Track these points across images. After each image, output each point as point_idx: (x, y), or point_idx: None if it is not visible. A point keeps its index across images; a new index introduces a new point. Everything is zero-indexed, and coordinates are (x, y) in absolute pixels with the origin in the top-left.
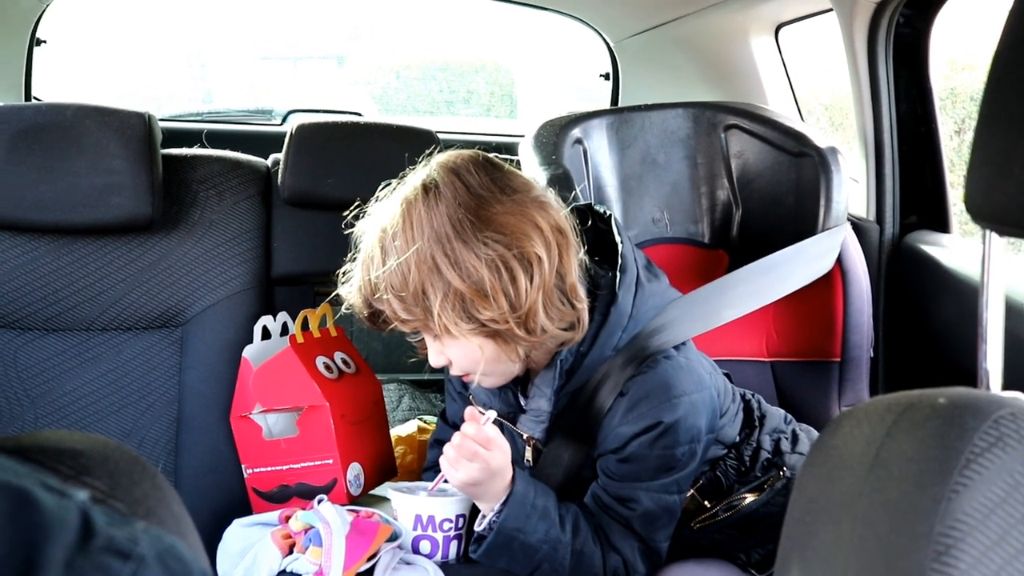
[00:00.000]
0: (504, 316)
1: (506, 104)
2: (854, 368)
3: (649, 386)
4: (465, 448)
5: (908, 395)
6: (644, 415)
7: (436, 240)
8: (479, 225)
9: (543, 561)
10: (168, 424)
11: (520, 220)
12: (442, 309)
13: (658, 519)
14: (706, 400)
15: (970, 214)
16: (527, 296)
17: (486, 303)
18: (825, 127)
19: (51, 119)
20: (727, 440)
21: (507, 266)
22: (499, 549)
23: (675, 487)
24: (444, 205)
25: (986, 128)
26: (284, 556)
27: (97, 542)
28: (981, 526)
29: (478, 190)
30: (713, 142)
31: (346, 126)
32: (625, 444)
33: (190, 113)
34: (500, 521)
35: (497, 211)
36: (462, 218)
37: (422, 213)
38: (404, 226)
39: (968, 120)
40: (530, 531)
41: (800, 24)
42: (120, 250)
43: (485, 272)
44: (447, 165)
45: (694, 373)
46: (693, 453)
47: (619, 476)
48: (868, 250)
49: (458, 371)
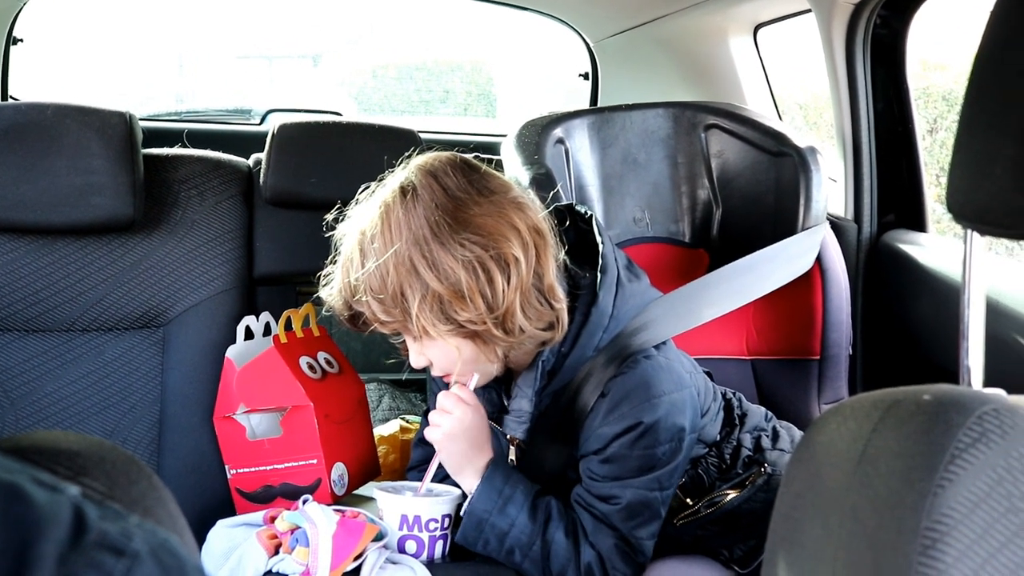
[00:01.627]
0: (482, 317)
1: (484, 104)
2: (833, 366)
3: (629, 386)
4: (448, 398)
5: (893, 392)
6: (625, 415)
7: (414, 242)
8: (456, 227)
9: (515, 548)
10: (150, 425)
11: (497, 221)
12: (420, 311)
13: (639, 515)
14: (687, 399)
15: (952, 214)
16: (504, 297)
17: (463, 304)
18: (801, 126)
19: (31, 118)
20: (708, 439)
21: (484, 267)
22: (473, 532)
23: (656, 484)
24: (421, 207)
25: (967, 129)
26: (270, 556)
27: (90, 537)
28: (966, 520)
29: (455, 192)
30: (693, 142)
31: (328, 126)
32: (606, 445)
33: (169, 112)
34: (471, 504)
35: (474, 212)
36: (439, 220)
37: (400, 215)
38: (382, 228)
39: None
40: (500, 516)
41: (776, 25)
42: (101, 250)
43: (462, 273)
44: (424, 167)
45: (674, 372)
46: (675, 451)
47: (601, 476)
48: (846, 249)
49: (439, 371)
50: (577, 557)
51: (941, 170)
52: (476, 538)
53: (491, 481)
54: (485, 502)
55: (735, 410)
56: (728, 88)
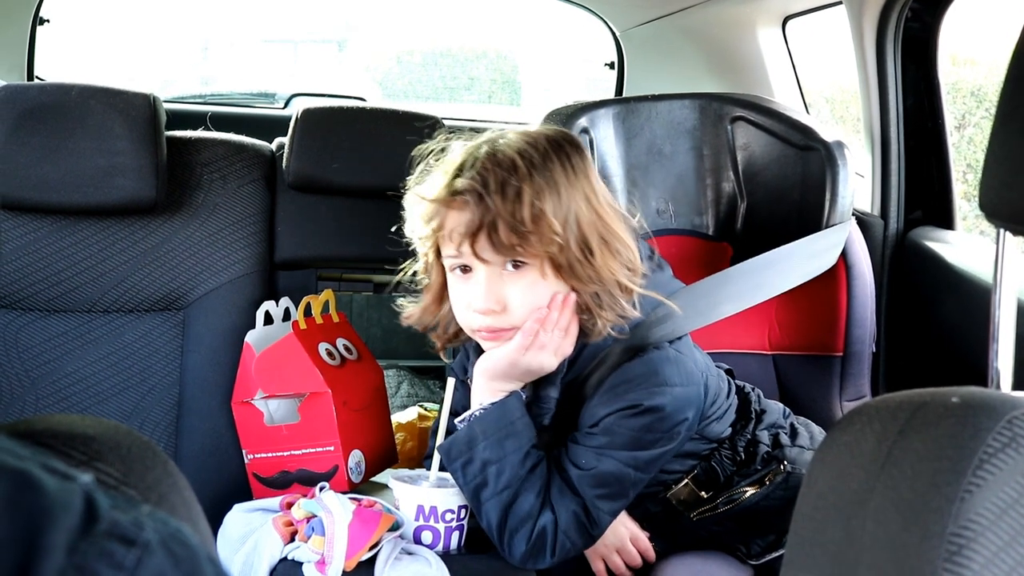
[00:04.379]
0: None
1: (508, 91)
2: (856, 363)
3: (634, 372)
4: (551, 321)
5: (920, 393)
6: (623, 396)
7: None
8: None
9: (489, 483)
10: (169, 407)
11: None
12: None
13: (607, 486)
14: (692, 395)
15: (984, 213)
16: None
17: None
18: (827, 120)
19: (55, 99)
20: (712, 436)
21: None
22: (463, 446)
23: (635, 463)
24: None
25: (1003, 127)
26: (285, 543)
27: (101, 526)
28: (994, 527)
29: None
30: (719, 134)
31: (352, 111)
32: (599, 420)
33: (192, 95)
34: (477, 418)
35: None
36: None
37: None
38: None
39: (968, 116)
40: (495, 445)
41: (804, 17)
42: (123, 232)
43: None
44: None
45: (684, 367)
46: (665, 441)
47: (584, 444)
48: (872, 245)
49: (518, 312)
50: (536, 519)
51: (968, 167)
52: (461, 454)
53: (505, 407)
54: (490, 423)
55: (752, 405)
56: (755, 80)
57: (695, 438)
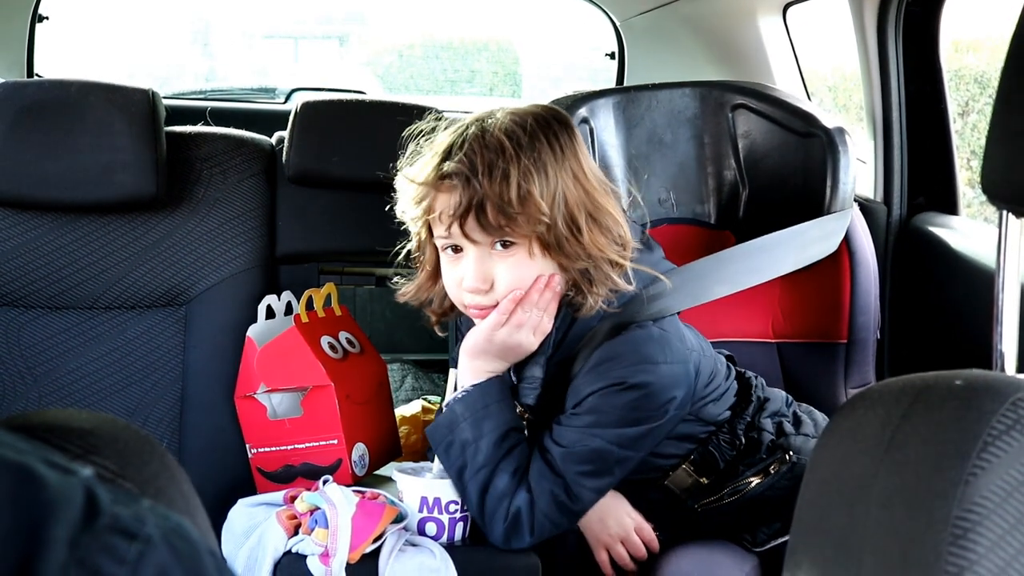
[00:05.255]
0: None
1: (510, 83)
2: (860, 350)
3: (617, 350)
4: (531, 301)
5: (923, 377)
6: (606, 374)
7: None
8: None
9: (468, 464)
10: (172, 403)
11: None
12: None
13: (591, 463)
14: (680, 373)
15: (987, 195)
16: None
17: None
18: (830, 108)
19: (55, 96)
20: (709, 418)
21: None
22: (445, 428)
23: (619, 440)
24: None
25: (1004, 109)
26: (289, 537)
27: (102, 521)
28: (999, 509)
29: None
30: (720, 122)
31: (351, 104)
32: (583, 399)
33: (193, 91)
34: (458, 400)
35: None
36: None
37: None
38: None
39: (972, 102)
40: (474, 425)
41: (806, 4)
42: (124, 228)
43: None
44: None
45: (669, 344)
46: (652, 419)
47: (568, 424)
48: (875, 231)
49: (502, 289)
50: (511, 499)
51: (972, 154)
52: (444, 437)
53: (485, 389)
54: (469, 404)
55: (753, 390)
56: (756, 68)
57: (690, 419)
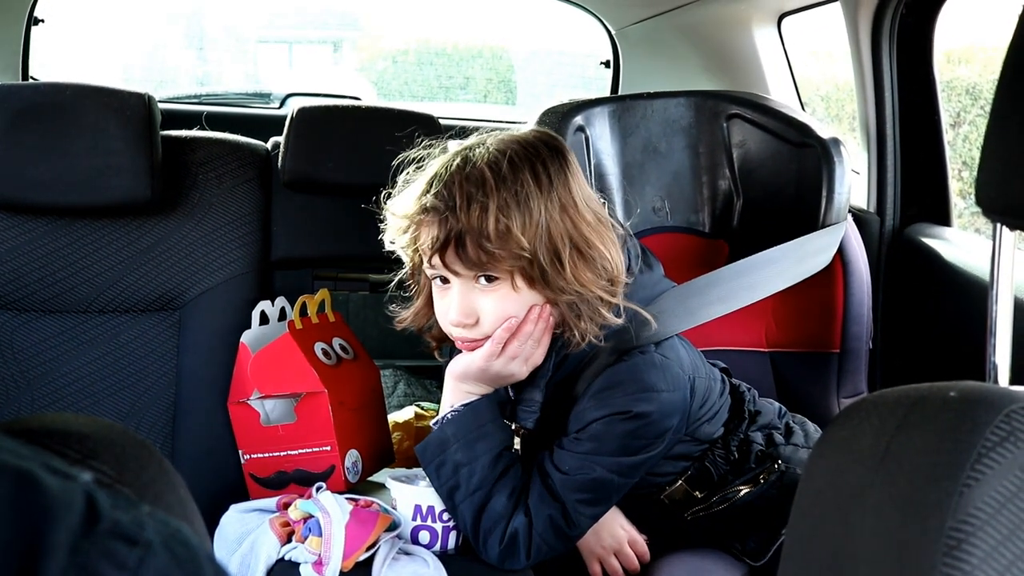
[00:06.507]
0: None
1: (504, 91)
2: (853, 360)
3: (620, 376)
4: (525, 333)
5: (918, 388)
6: (610, 402)
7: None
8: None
9: (461, 485)
10: (165, 407)
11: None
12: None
13: (590, 491)
14: (676, 401)
15: (981, 208)
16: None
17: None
18: (823, 118)
19: (50, 99)
20: (704, 437)
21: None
22: (435, 449)
23: (619, 469)
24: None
25: (999, 122)
26: (282, 544)
27: (103, 526)
28: (993, 521)
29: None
30: (715, 131)
31: (347, 110)
32: (586, 425)
33: (188, 95)
34: (449, 421)
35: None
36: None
37: (553, 170)
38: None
39: (963, 113)
40: (466, 447)
41: (800, 14)
42: (118, 232)
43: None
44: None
45: (670, 372)
46: (650, 447)
47: (570, 449)
48: (868, 241)
49: (488, 325)
50: (508, 521)
51: (963, 165)
52: (435, 456)
53: (476, 410)
54: (462, 426)
55: (746, 404)
56: (751, 77)
57: (686, 440)
